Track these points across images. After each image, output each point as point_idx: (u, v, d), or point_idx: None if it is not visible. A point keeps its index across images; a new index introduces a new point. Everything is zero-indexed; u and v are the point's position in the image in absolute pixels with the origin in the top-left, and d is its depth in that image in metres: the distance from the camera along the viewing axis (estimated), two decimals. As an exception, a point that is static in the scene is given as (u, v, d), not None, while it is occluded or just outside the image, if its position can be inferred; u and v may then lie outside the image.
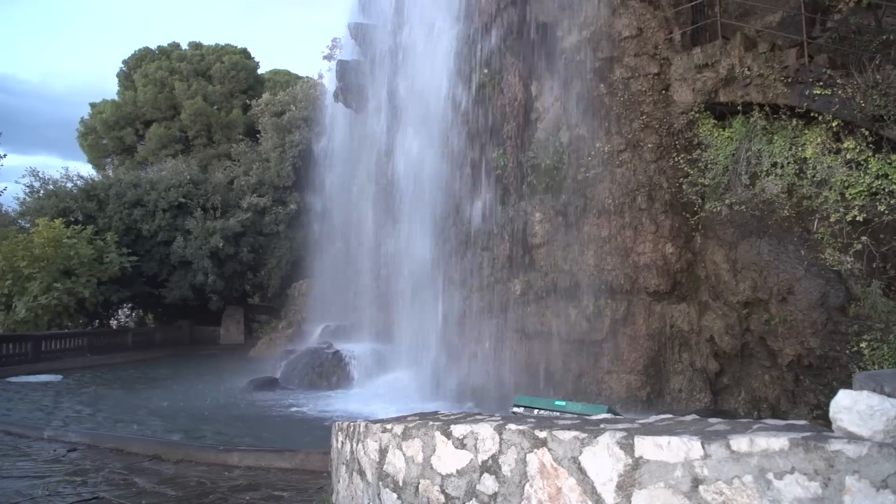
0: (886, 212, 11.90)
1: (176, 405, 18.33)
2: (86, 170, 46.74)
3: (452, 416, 4.73)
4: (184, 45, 49.35)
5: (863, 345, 11.48)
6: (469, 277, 18.05)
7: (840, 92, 12.21)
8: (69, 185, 37.43)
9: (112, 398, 19.78)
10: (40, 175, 37.24)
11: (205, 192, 38.61)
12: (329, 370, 21.77)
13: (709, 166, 14.69)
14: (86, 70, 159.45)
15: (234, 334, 40.86)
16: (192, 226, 36.68)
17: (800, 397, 12.65)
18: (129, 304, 41.19)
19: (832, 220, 12.50)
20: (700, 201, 14.84)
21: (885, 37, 13.48)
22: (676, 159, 15.18)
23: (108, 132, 47.31)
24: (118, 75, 48.80)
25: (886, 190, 11.95)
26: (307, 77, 49.20)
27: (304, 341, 27.65)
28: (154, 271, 36.96)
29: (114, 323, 41.10)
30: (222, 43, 49.65)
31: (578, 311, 15.32)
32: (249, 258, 38.43)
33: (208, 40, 51.22)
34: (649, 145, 15.31)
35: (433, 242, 19.28)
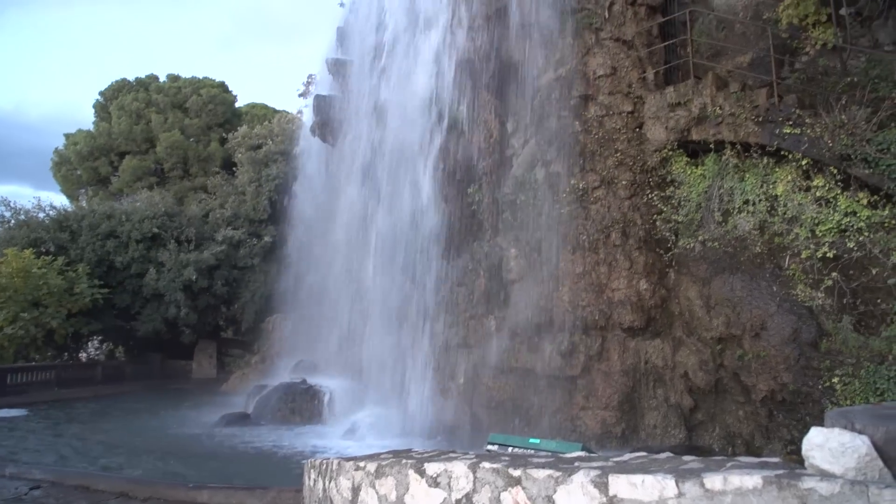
0: (855, 248, 12.10)
1: (145, 440, 17.99)
2: (59, 200, 46.29)
3: (426, 454, 4.69)
4: (162, 78, 49.35)
5: (835, 380, 11.58)
6: (444, 313, 18.01)
7: (809, 131, 12.47)
8: (41, 215, 37.00)
9: (78, 433, 19.36)
10: (11, 205, 36.87)
11: (179, 224, 38.34)
12: (302, 405, 21.50)
13: (682, 203, 14.87)
14: (61, 99, 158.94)
15: (207, 368, 40.31)
16: (165, 258, 36.32)
17: (774, 433, 12.69)
18: (100, 337, 40.51)
19: (803, 256, 12.69)
20: (674, 238, 14.99)
21: (850, 78, 13.83)
22: (650, 196, 15.36)
23: (83, 163, 46.95)
24: (94, 106, 48.61)
25: (855, 227, 12.16)
26: (284, 111, 49.37)
27: (278, 376, 27.29)
28: (126, 304, 36.46)
29: (83, 356, 40.41)
30: (200, 76, 49.72)
31: (553, 347, 15.30)
32: (223, 291, 38.07)
33: (186, 73, 51.30)
34: (623, 182, 15.47)
35: (408, 278, 19.25)
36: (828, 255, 12.35)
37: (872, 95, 12.94)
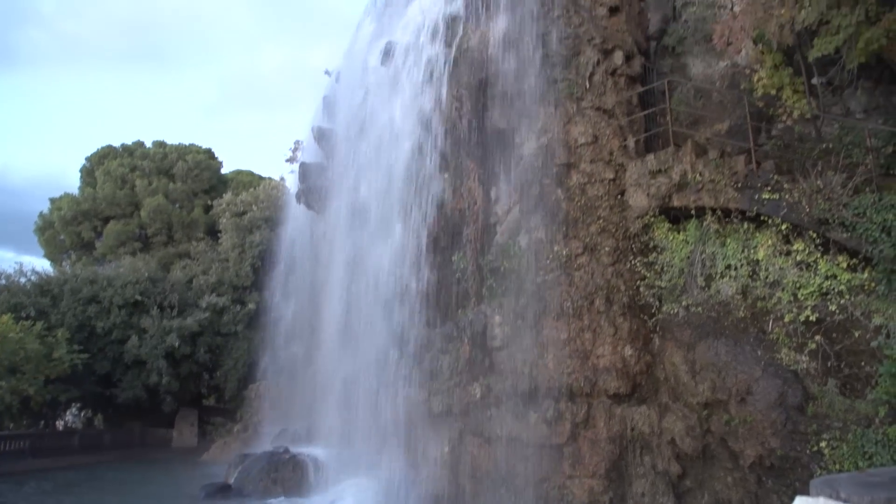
0: (837, 311, 12.23)
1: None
2: (41, 265, 46.00)
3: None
4: (148, 144, 49.69)
5: (822, 444, 11.55)
6: (428, 381, 17.88)
7: (787, 196, 12.70)
8: (22, 280, 36.73)
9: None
10: (-8, 270, 36.56)
11: (162, 290, 38.13)
12: (285, 476, 21.07)
13: (665, 269, 14.99)
14: (46, 164, 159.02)
15: (188, 437, 39.59)
16: (147, 324, 35.99)
17: (763, 499, 12.57)
18: (78, 404, 39.82)
19: (786, 320, 12.79)
20: (657, 303, 15.06)
21: (824, 145, 14.19)
22: (633, 262, 15.49)
23: (66, 227, 46.85)
24: (81, 171, 48.82)
25: (836, 290, 12.31)
26: (270, 178, 49.68)
27: (261, 445, 26.86)
28: (106, 370, 35.93)
29: (60, 424, 39.61)
30: (187, 142, 50.11)
31: (539, 415, 15.18)
32: (206, 359, 37.67)
33: (173, 139, 51.77)
34: (606, 249, 15.60)
35: (392, 345, 19.14)
36: (810, 318, 12.47)
37: (847, 161, 13.27)
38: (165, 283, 38.78)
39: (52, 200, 48.68)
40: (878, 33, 12.29)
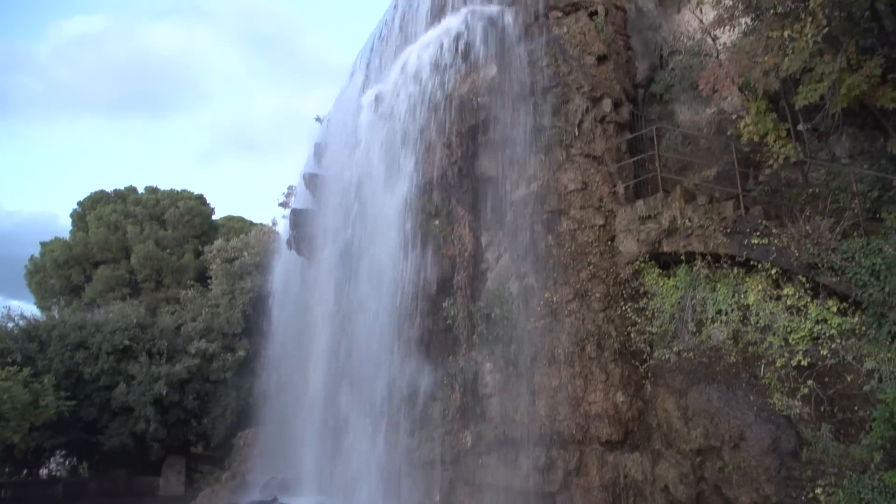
0: (829, 356, 12.22)
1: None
2: (30, 309, 45.59)
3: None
4: (140, 189, 49.72)
5: (818, 490, 11.43)
6: (419, 428, 17.70)
7: (776, 241, 12.77)
8: (10, 325, 36.35)
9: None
10: (-21, 315, 36.17)
11: (151, 335, 37.77)
12: (274, 525, 20.72)
13: (656, 314, 14.98)
14: (37, 209, 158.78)
15: (175, 485, 38.87)
16: (136, 371, 35.56)
17: (758, 547, 12.40)
18: (63, 451, 39.12)
19: (778, 364, 12.77)
20: (649, 349, 15.02)
21: (811, 190, 14.32)
22: (624, 308, 15.48)
23: (57, 271, 46.61)
24: (72, 216, 48.74)
25: (827, 334, 12.31)
26: (261, 224, 49.63)
27: (249, 494, 26.39)
28: (93, 417, 35.35)
29: (44, 471, 38.88)
30: (179, 188, 50.17)
31: (531, 463, 15.03)
32: (194, 406, 37.17)
33: (165, 185, 51.82)
34: (597, 295, 15.60)
35: (382, 392, 18.97)
36: (802, 362, 12.45)
37: (834, 206, 13.38)
38: (154, 329, 38.43)
39: (44, 244, 48.60)
40: (860, 80, 12.54)
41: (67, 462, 41.05)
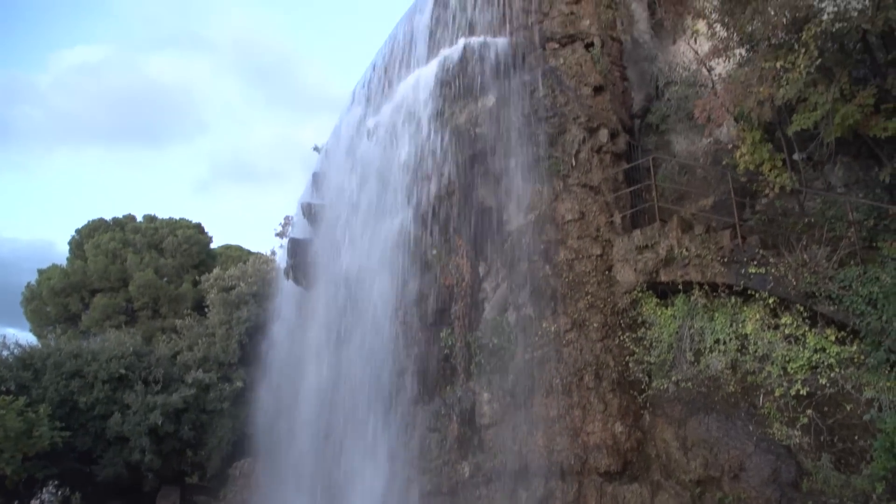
0: (828, 385, 12.17)
1: None
2: (25, 338, 45.24)
3: None
4: (139, 218, 49.69)
5: (819, 522, 11.34)
6: (416, 459, 17.57)
7: (773, 270, 12.77)
8: (5, 353, 36.03)
9: None
10: (-27, 343, 35.89)
11: (147, 364, 37.42)
12: (269, 559, 20.48)
13: (654, 344, 14.94)
14: (34, 237, 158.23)
15: (170, 517, 38.44)
16: (131, 400, 35.18)
17: (760, 581, 12.26)
18: (56, 482, 38.61)
19: (777, 394, 12.73)
20: (647, 379, 14.97)
21: (808, 219, 14.37)
22: (622, 338, 15.45)
23: (54, 298, 46.37)
24: (70, 243, 48.60)
25: (825, 363, 12.28)
26: (259, 253, 49.55)
27: (245, 526, 26.19)
28: (87, 447, 34.84)
29: (36, 503, 38.30)
30: (177, 217, 50.17)
31: (529, 494, 14.93)
32: (190, 436, 36.75)
33: (163, 213, 51.77)
34: (595, 325, 15.57)
35: (378, 424, 18.85)
36: (801, 392, 12.40)
37: (830, 235, 13.41)
38: (151, 358, 38.08)
39: (41, 271, 48.47)
40: (853, 110, 12.67)
41: (60, 493, 40.38)
